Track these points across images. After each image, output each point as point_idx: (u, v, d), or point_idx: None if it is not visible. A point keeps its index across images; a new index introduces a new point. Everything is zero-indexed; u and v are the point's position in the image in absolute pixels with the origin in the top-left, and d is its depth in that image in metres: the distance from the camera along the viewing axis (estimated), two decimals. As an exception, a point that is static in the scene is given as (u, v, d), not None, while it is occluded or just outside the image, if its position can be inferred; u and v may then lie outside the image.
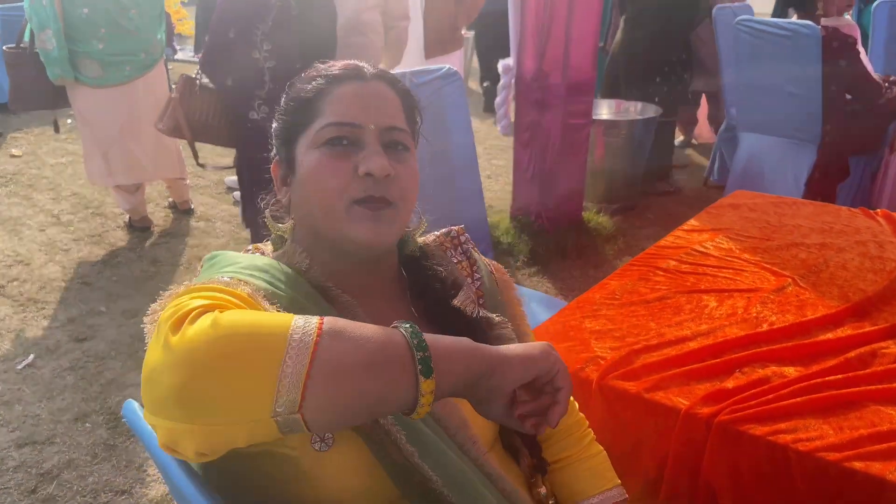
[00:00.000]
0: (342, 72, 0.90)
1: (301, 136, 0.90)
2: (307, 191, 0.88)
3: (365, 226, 0.85)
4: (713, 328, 1.54)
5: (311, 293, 0.85)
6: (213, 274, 0.84)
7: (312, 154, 0.87)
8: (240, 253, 0.92)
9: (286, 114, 0.93)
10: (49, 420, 2.50)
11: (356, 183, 0.85)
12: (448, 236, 1.07)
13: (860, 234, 2.05)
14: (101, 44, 3.57)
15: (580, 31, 3.61)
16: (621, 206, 4.40)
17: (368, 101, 0.88)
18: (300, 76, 0.94)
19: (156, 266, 3.70)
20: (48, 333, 3.05)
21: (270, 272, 0.85)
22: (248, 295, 0.78)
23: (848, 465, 1.15)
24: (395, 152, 0.89)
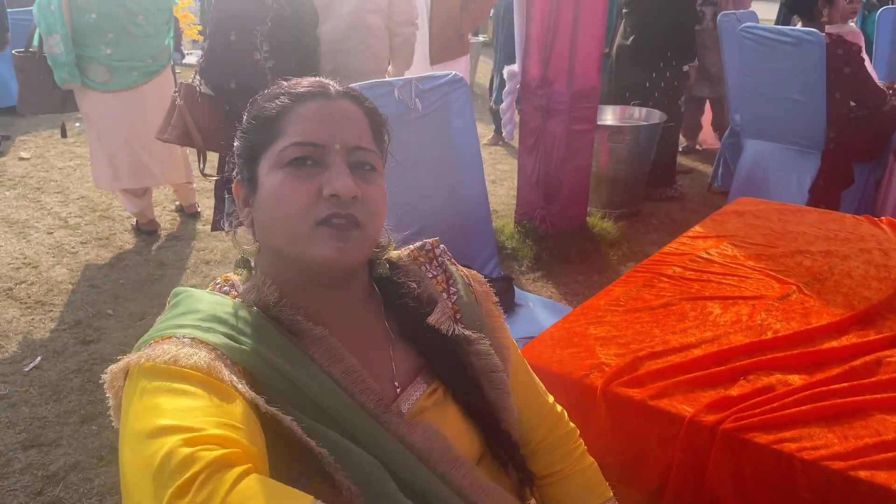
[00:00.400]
0: (306, 90, 0.88)
1: (263, 156, 0.86)
2: (269, 213, 0.85)
3: (329, 246, 0.82)
4: (718, 335, 1.55)
5: (277, 339, 0.82)
6: (171, 324, 0.81)
7: (275, 175, 0.84)
8: (205, 293, 0.87)
9: (248, 132, 0.89)
10: (56, 422, 2.52)
11: (321, 204, 0.82)
12: (422, 250, 1.04)
13: (865, 241, 2.05)
14: (109, 49, 3.59)
15: (585, 38, 3.62)
16: (625, 212, 4.41)
17: (333, 119, 0.86)
18: (263, 94, 0.91)
19: (162, 269, 3.72)
20: (55, 336, 3.07)
21: (231, 322, 0.81)
22: (205, 366, 0.74)
23: (853, 473, 1.15)
24: (362, 172, 0.86)
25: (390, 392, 0.91)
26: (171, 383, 0.71)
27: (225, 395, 0.72)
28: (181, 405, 0.69)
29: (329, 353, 0.84)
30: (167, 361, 0.73)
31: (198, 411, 0.68)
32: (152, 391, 0.71)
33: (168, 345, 0.76)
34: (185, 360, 0.73)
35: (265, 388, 0.78)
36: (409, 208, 2.32)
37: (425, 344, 0.95)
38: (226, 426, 0.67)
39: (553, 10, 3.55)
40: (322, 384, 0.80)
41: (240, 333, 0.80)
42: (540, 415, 1.08)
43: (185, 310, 0.83)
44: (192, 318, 0.81)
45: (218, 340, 0.78)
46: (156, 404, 0.69)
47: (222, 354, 0.77)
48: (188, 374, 0.72)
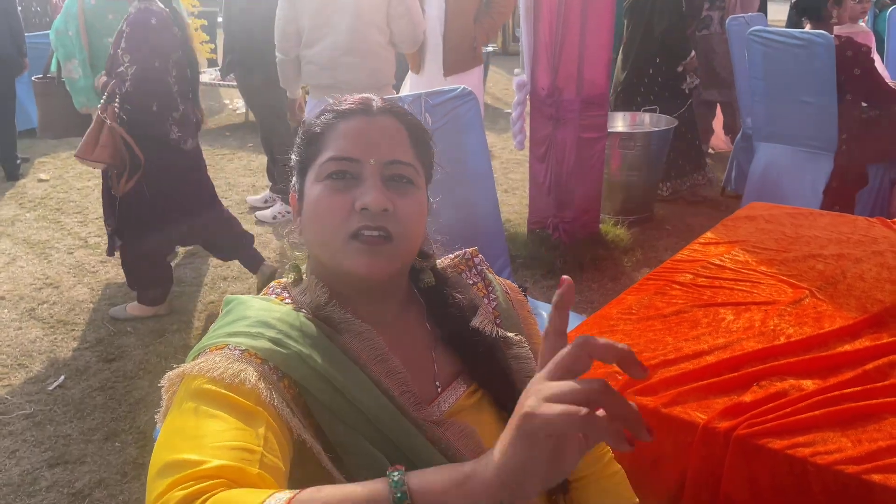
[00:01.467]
0: (349, 107, 0.92)
1: (309, 169, 0.92)
2: (310, 223, 0.91)
3: (360, 259, 0.86)
4: (730, 342, 1.56)
5: (320, 341, 0.86)
6: (224, 332, 0.86)
7: (316, 187, 0.90)
8: (256, 299, 0.92)
9: (299, 147, 0.96)
10: (80, 440, 2.56)
11: (353, 217, 0.86)
12: (462, 259, 1.09)
13: (878, 244, 2.05)
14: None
15: (593, 45, 3.64)
16: (638, 218, 4.41)
17: (371, 135, 0.90)
18: (319, 112, 0.96)
19: (181, 286, 3.76)
20: (78, 354, 3.12)
21: (277, 326, 0.86)
22: (249, 386, 0.78)
23: (867, 477, 1.16)
24: (398, 186, 0.89)
25: (431, 392, 0.94)
26: (207, 407, 0.76)
27: (253, 416, 0.76)
28: (205, 430, 0.73)
29: (375, 352, 0.88)
30: (214, 379, 0.78)
31: (218, 436, 0.72)
32: (188, 412, 0.76)
33: (220, 357, 0.81)
34: (229, 379, 0.78)
35: (306, 392, 0.82)
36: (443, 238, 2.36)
37: (467, 348, 0.98)
38: (236, 451, 0.71)
39: (560, 19, 3.57)
40: (361, 386, 0.84)
41: (285, 337, 0.84)
42: None
43: (236, 317, 0.88)
44: (242, 324, 0.86)
45: (263, 345, 0.83)
46: (184, 427, 0.74)
47: (269, 368, 0.81)
48: (226, 398, 0.76)
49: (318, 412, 0.83)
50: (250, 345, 0.83)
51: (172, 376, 0.82)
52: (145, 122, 3.08)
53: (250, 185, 5.41)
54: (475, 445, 0.89)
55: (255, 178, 5.61)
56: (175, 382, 0.82)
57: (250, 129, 6.72)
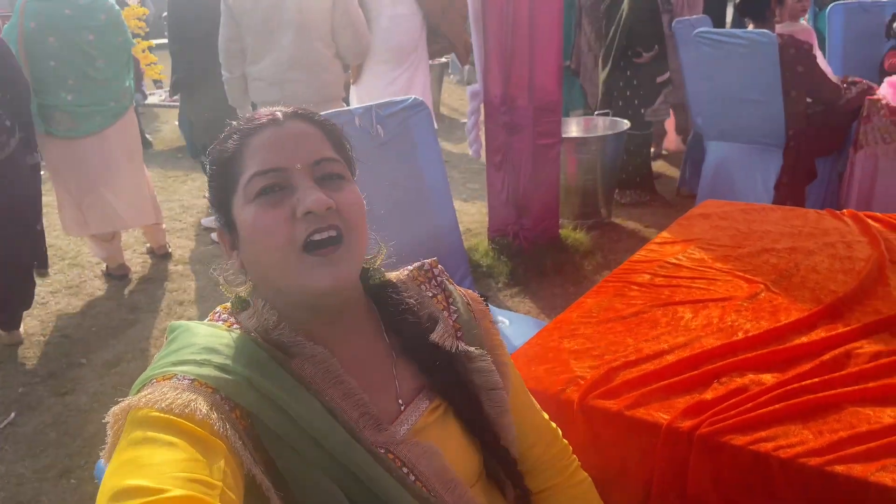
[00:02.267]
0: (256, 123, 0.89)
1: (233, 197, 0.87)
2: (254, 249, 0.85)
3: (321, 272, 0.83)
4: (690, 340, 1.56)
5: (269, 366, 0.82)
6: (170, 360, 0.82)
7: (247, 210, 0.85)
8: (201, 325, 0.88)
9: (213, 179, 0.90)
10: (34, 479, 2.46)
11: (298, 226, 0.82)
12: (421, 270, 1.05)
13: (828, 235, 2.08)
14: (71, 95, 3.58)
15: (543, 52, 3.66)
16: (597, 222, 4.44)
17: (288, 142, 0.86)
18: (219, 139, 0.92)
19: (135, 314, 3.67)
20: (29, 390, 3.01)
21: (224, 352, 0.82)
22: (200, 417, 0.74)
23: (830, 469, 1.16)
24: (330, 183, 0.87)
25: (393, 409, 0.91)
26: (159, 434, 0.71)
27: (210, 448, 0.72)
28: (160, 459, 0.68)
29: (329, 375, 0.84)
30: (163, 409, 0.73)
31: (174, 466, 0.68)
32: (137, 442, 0.71)
33: (167, 387, 0.76)
34: (179, 410, 0.73)
35: (258, 422, 0.78)
36: (378, 234, 2.32)
37: (427, 361, 0.95)
38: (196, 483, 0.67)
39: (508, 27, 3.59)
40: (314, 413, 0.80)
41: (233, 363, 0.81)
42: (537, 432, 1.10)
43: (182, 344, 0.84)
44: (187, 352, 0.82)
45: (211, 373, 0.79)
46: (136, 457, 0.69)
47: (220, 399, 0.77)
48: (178, 425, 0.72)
49: (270, 443, 0.79)
50: (198, 373, 0.79)
51: (117, 411, 0.77)
52: None
53: (205, 207, 5.32)
54: (439, 467, 0.87)
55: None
56: (120, 417, 0.77)
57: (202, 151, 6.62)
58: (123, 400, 0.77)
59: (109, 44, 3.65)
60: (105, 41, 3.62)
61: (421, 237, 2.49)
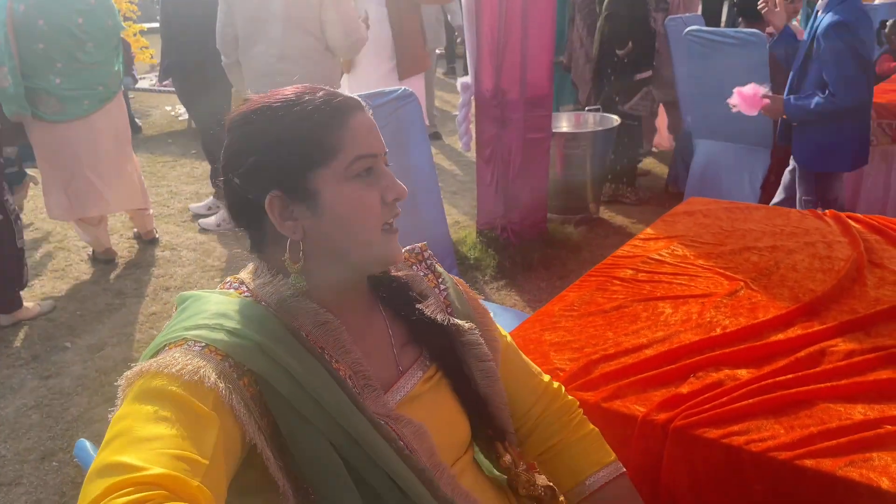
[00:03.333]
0: (343, 101, 0.92)
1: (319, 169, 0.88)
2: (343, 222, 0.90)
3: (395, 247, 0.94)
4: (669, 335, 1.58)
5: (281, 333, 0.85)
6: (182, 326, 0.84)
7: (347, 187, 0.89)
8: (212, 293, 0.91)
9: (282, 149, 0.89)
10: (15, 461, 2.46)
11: (385, 209, 0.92)
12: (412, 253, 1.12)
13: (810, 235, 2.11)
14: (59, 78, 3.56)
15: (535, 47, 3.67)
16: (585, 217, 4.46)
17: (373, 129, 0.94)
18: (267, 107, 0.92)
19: (121, 298, 3.66)
20: (12, 372, 3.00)
21: (236, 318, 0.85)
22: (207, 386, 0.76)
23: (799, 462, 1.18)
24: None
25: (393, 377, 0.98)
26: (157, 407, 0.73)
27: (205, 422, 0.74)
28: (152, 433, 0.70)
29: (338, 343, 0.90)
30: (173, 375, 0.76)
31: (164, 442, 0.70)
32: (137, 412, 0.73)
33: (179, 353, 0.79)
34: (189, 376, 0.76)
35: (265, 387, 0.82)
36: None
37: (422, 331, 1.03)
38: (180, 461, 0.69)
39: (502, 21, 3.59)
40: (320, 378, 0.84)
41: (245, 328, 0.84)
42: (536, 393, 1.16)
43: (194, 311, 0.87)
44: (200, 317, 0.85)
45: (222, 338, 0.82)
46: (130, 430, 0.71)
47: (229, 366, 0.80)
48: (178, 398, 0.74)
49: (277, 408, 0.82)
50: (210, 338, 0.82)
51: (130, 375, 0.79)
52: None
53: (193, 193, 5.30)
54: (429, 448, 0.92)
55: (199, 185, 5.50)
56: (133, 381, 0.78)
57: (193, 136, 6.59)
58: (136, 364, 0.80)
59: (99, 27, 3.62)
60: (94, 24, 3.60)
61: (407, 227, 2.50)
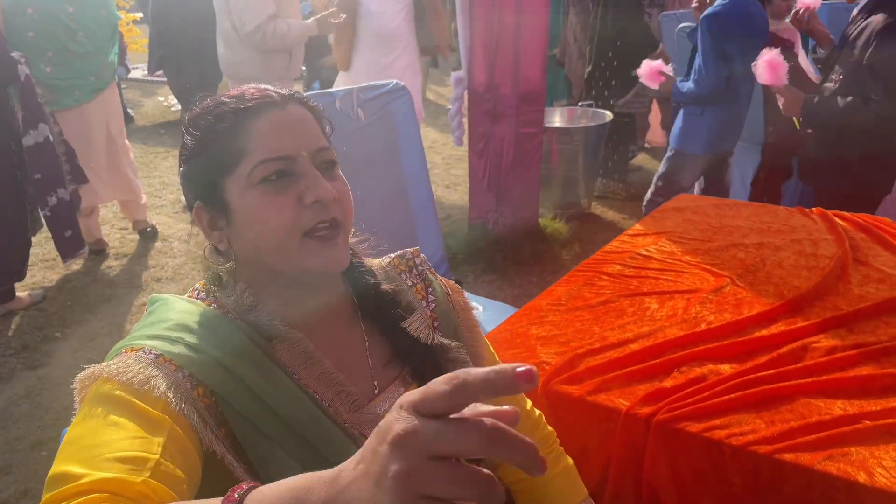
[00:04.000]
0: (252, 103, 0.86)
1: (227, 178, 0.85)
2: (253, 233, 0.85)
3: (321, 255, 0.84)
4: (654, 330, 1.59)
5: (245, 347, 0.83)
6: (142, 334, 0.83)
7: (250, 195, 0.84)
8: (180, 300, 0.89)
9: (200, 155, 0.87)
10: (5, 449, 2.47)
11: (304, 214, 0.83)
12: (402, 258, 1.05)
13: (796, 232, 2.13)
14: (49, 67, 3.54)
15: (529, 42, 3.67)
16: (576, 212, 4.47)
17: (292, 127, 0.86)
18: (201, 110, 0.88)
19: (112, 289, 3.66)
20: (2, 361, 3.00)
21: (198, 331, 0.83)
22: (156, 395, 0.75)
23: (779, 456, 1.20)
24: (328, 171, 0.88)
25: (369, 393, 0.92)
26: (109, 412, 0.73)
27: (155, 424, 0.73)
28: (101, 439, 0.70)
29: (304, 357, 0.86)
30: (124, 383, 0.75)
31: (111, 446, 0.69)
32: (90, 417, 0.73)
33: (132, 360, 0.78)
34: (138, 385, 0.75)
35: (223, 401, 0.79)
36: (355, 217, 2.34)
37: (404, 347, 0.96)
38: (124, 463, 0.68)
39: (495, 15, 3.59)
40: (288, 393, 0.81)
41: (206, 342, 0.81)
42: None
43: (157, 318, 0.85)
44: (161, 327, 0.83)
45: (180, 351, 0.80)
46: (81, 436, 0.71)
47: (182, 377, 0.78)
48: (129, 404, 0.74)
49: (236, 423, 0.80)
50: (166, 350, 0.80)
51: (83, 377, 0.79)
52: None
53: (186, 184, 5.30)
54: None
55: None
56: (87, 384, 0.78)
57: (187, 127, 6.56)
58: (90, 367, 0.79)
59: (91, 17, 3.60)
60: (86, 14, 3.58)
61: (398, 221, 2.51)
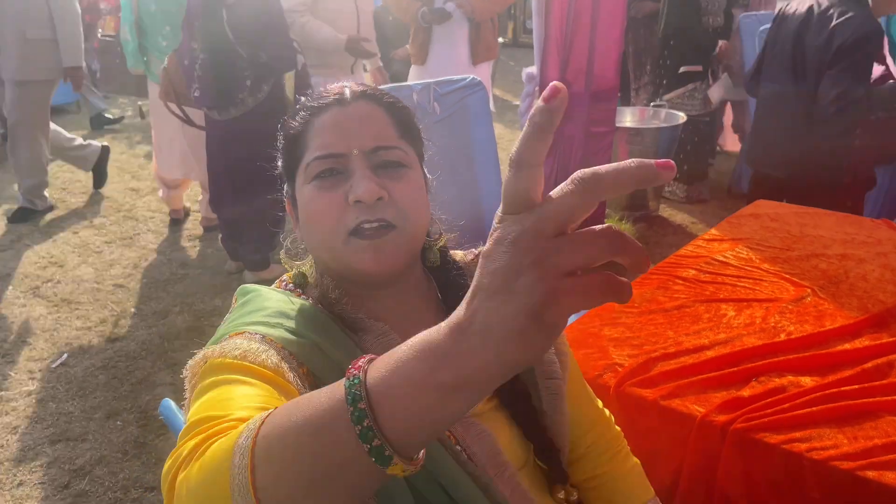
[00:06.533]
0: (323, 101, 0.90)
1: (297, 173, 0.90)
2: (308, 228, 0.89)
3: (366, 255, 0.84)
4: (731, 337, 1.56)
5: (337, 334, 0.85)
6: (242, 321, 0.84)
7: (305, 190, 0.88)
8: (273, 291, 0.91)
9: (282, 152, 0.94)
10: (81, 417, 2.58)
11: (349, 213, 0.84)
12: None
13: (882, 245, 2.05)
14: (165, 41, 3.75)
15: (604, 39, 3.63)
16: (644, 214, 4.40)
17: (349, 125, 0.87)
18: (298, 106, 0.93)
19: (185, 269, 3.78)
20: (81, 334, 3.14)
21: (295, 318, 0.85)
22: (272, 365, 0.76)
23: (861, 474, 1.16)
24: (389, 171, 0.87)
25: None
26: (234, 375, 0.74)
27: (284, 388, 0.74)
28: (236, 394, 0.70)
29: (388, 349, 0.85)
30: (237, 357, 0.76)
31: (248, 399, 0.69)
32: (214, 385, 0.73)
33: (240, 339, 0.79)
34: (253, 357, 0.76)
35: (321, 381, 0.79)
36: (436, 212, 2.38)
37: None
38: (260, 412, 0.65)
39: (571, 11, 3.56)
40: None
41: (304, 328, 0.83)
42: (591, 419, 1.11)
43: (254, 308, 0.87)
44: (260, 314, 0.85)
45: (282, 335, 0.82)
46: (212, 397, 0.71)
47: (288, 354, 0.80)
48: (252, 369, 0.75)
49: None
50: (268, 332, 0.82)
51: (193, 363, 0.80)
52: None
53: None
54: (492, 449, 0.88)
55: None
56: (197, 369, 0.79)
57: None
58: (199, 352, 0.80)
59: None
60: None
61: (467, 216, 2.51)
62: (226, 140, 3.28)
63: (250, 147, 3.23)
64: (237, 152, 3.20)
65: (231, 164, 3.29)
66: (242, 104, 3.20)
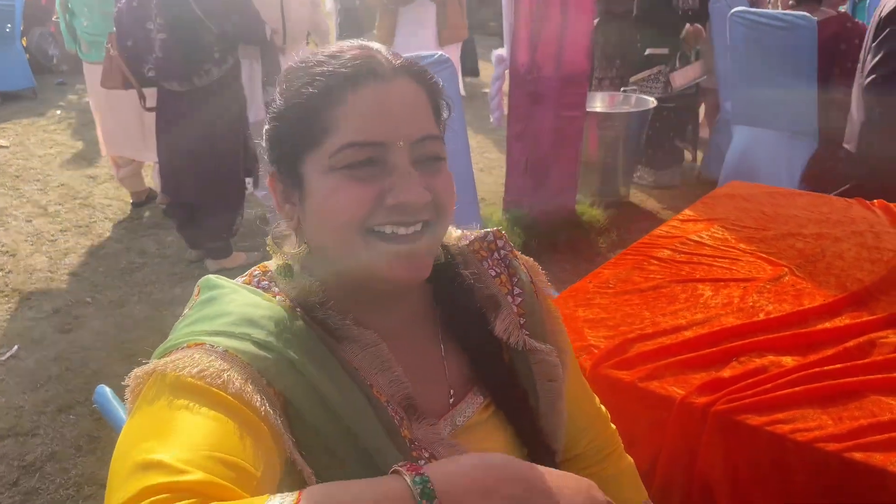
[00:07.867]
0: (355, 69, 0.73)
1: (310, 153, 0.74)
2: (322, 219, 0.74)
3: (397, 262, 0.73)
4: (709, 317, 1.51)
5: (314, 348, 0.73)
6: (202, 329, 0.72)
7: (329, 178, 0.72)
8: (240, 289, 0.78)
9: (284, 121, 0.76)
10: (33, 412, 2.46)
11: (379, 212, 0.72)
12: (484, 241, 0.92)
13: (856, 224, 2.02)
14: (86, 21, 3.74)
15: (575, 22, 3.57)
16: (614, 200, 4.37)
17: (394, 109, 0.72)
18: (299, 63, 0.77)
19: (143, 257, 3.65)
20: (33, 324, 3.00)
21: (267, 326, 0.72)
22: (234, 390, 0.65)
23: (848, 455, 1.12)
24: (429, 165, 0.75)
25: (443, 402, 0.84)
26: (188, 400, 0.63)
27: (244, 422, 0.64)
28: (192, 428, 0.61)
29: (376, 361, 0.77)
30: (194, 375, 0.65)
31: (206, 439, 0.60)
32: (162, 408, 0.64)
33: (199, 353, 0.68)
34: (211, 378, 0.65)
35: (291, 407, 0.70)
36: None
37: (480, 350, 0.87)
38: (221, 465, 0.59)
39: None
40: (354, 403, 0.71)
41: (275, 339, 0.71)
42: (589, 418, 1.05)
43: (217, 312, 0.74)
44: (222, 321, 0.72)
45: (248, 349, 0.70)
46: (167, 420, 0.62)
47: (256, 372, 0.68)
48: (211, 395, 0.64)
49: (301, 430, 0.69)
50: (232, 346, 0.69)
51: (140, 374, 0.68)
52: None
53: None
54: None
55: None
56: (143, 381, 0.68)
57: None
58: (148, 362, 0.69)
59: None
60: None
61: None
62: (184, 114, 3.15)
63: (210, 121, 3.12)
64: (196, 128, 3.09)
65: (189, 142, 3.16)
66: (207, 75, 3.10)
